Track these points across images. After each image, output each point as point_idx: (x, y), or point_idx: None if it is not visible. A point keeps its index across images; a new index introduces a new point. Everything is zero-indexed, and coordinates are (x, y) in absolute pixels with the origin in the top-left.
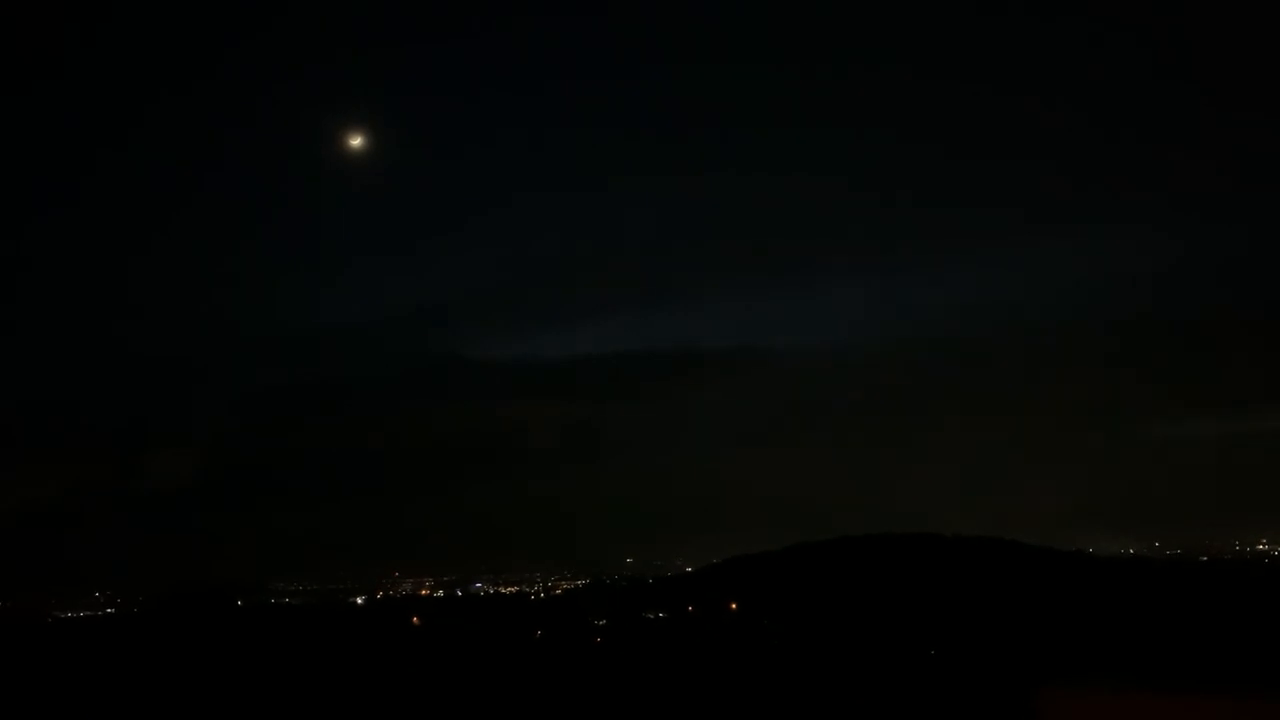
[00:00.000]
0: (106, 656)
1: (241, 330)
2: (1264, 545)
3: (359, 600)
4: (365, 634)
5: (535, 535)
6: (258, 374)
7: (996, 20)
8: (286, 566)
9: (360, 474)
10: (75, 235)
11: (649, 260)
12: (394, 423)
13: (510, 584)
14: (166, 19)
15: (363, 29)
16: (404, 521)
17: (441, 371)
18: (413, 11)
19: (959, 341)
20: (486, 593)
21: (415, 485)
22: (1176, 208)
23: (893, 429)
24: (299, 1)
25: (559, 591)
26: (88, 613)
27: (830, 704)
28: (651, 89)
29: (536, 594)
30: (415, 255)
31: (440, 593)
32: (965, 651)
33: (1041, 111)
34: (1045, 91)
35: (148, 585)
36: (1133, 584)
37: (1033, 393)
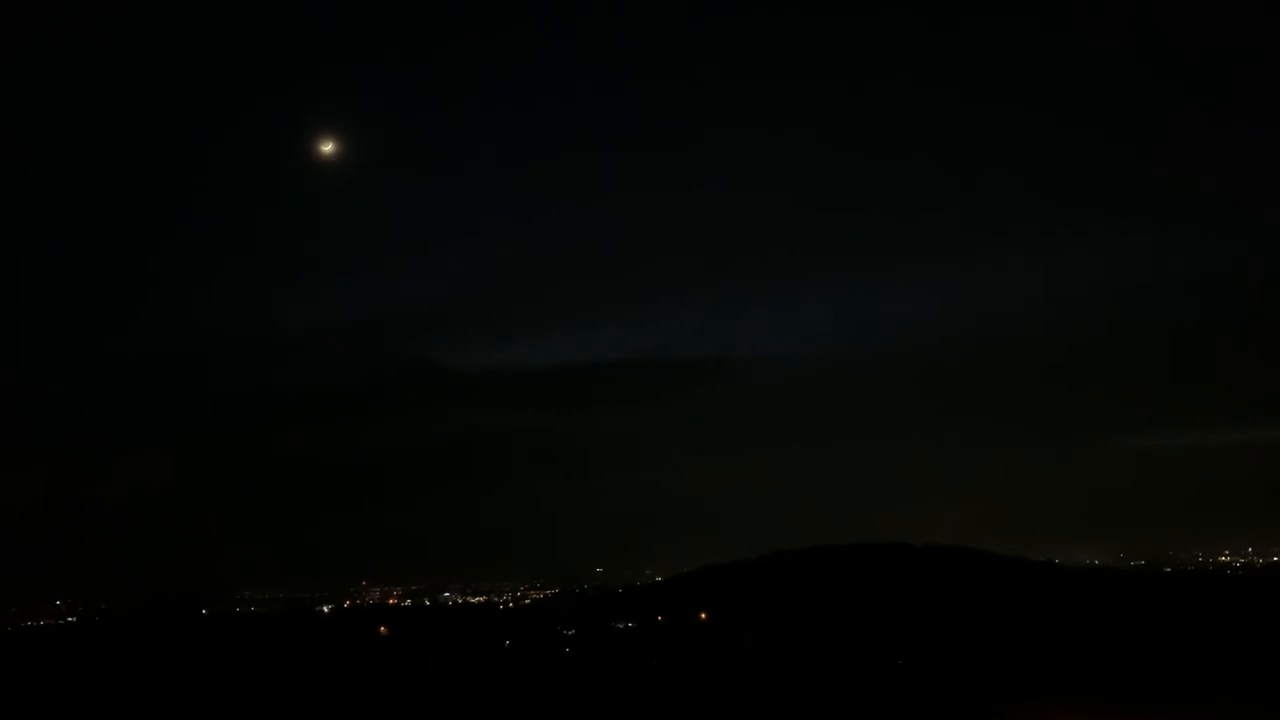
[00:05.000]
0: (65, 668)
1: (220, 334)
2: (1226, 557)
3: (326, 609)
4: (331, 645)
5: (506, 544)
6: (234, 378)
7: (988, 26)
8: (254, 574)
9: (331, 481)
10: (58, 239)
11: (625, 271)
12: (367, 430)
13: (479, 593)
14: (155, 33)
15: (352, 45)
16: (374, 530)
17: (417, 380)
18: (400, 29)
19: (930, 353)
20: (455, 602)
21: (386, 494)
22: (1147, 224)
23: (865, 438)
24: (287, 17)
25: (528, 601)
26: (48, 621)
27: (797, 716)
28: (630, 104)
29: (505, 604)
30: (395, 264)
31: (408, 602)
32: (935, 663)
33: (1029, 119)
34: (1034, 99)
35: (111, 593)
36: (1100, 596)
37: (1003, 404)
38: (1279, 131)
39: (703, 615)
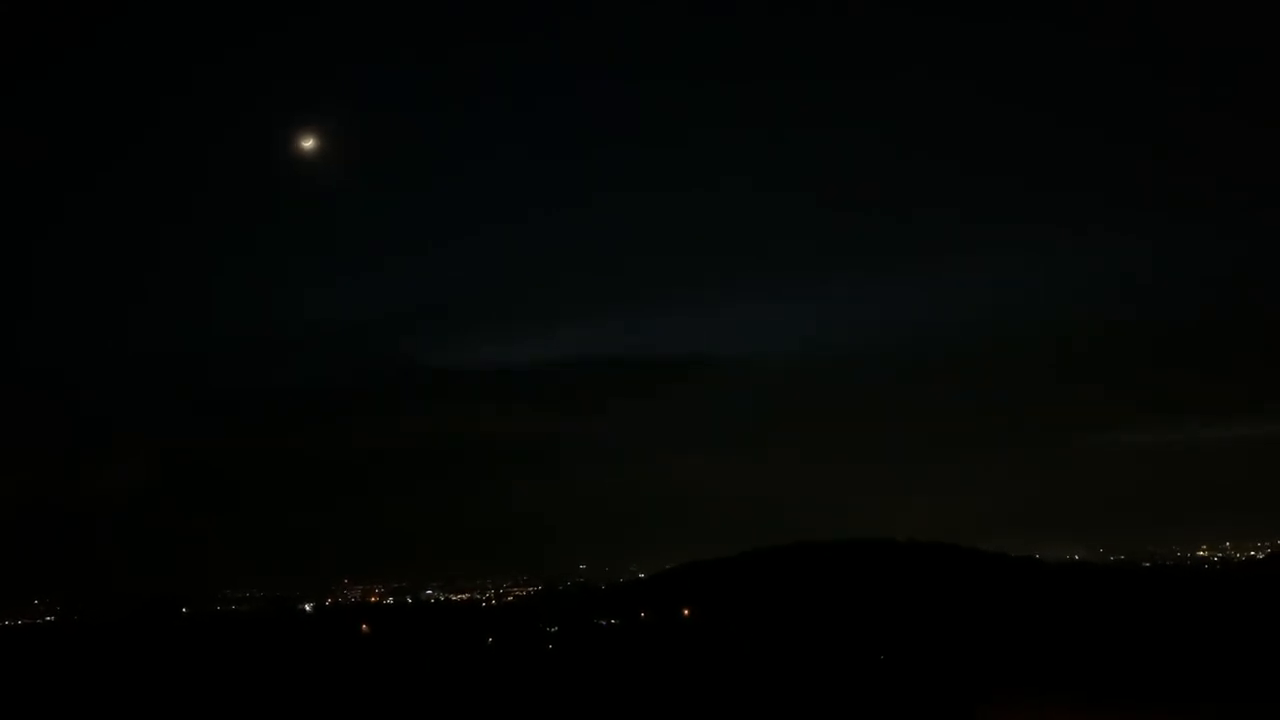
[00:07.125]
0: (44, 668)
1: (209, 334)
2: (1204, 551)
3: (308, 607)
4: (313, 643)
5: (490, 542)
6: (222, 379)
7: (988, 27)
8: (236, 573)
9: (315, 480)
10: (57, 240)
11: (623, 271)
12: (360, 430)
13: (462, 591)
14: (153, 33)
15: (352, 45)
16: (356, 528)
17: (412, 380)
18: (400, 29)
19: (913, 352)
20: (437, 600)
21: (369, 492)
22: (1147, 224)
23: (848, 436)
24: (285, 17)
25: (511, 598)
26: (26, 620)
27: (780, 711)
28: (629, 104)
29: (488, 601)
30: (395, 264)
31: (390, 600)
32: (916, 658)
33: (1029, 119)
34: (1034, 99)
35: (92, 592)
36: (1080, 591)
37: (986, 402)
38: (1279, 131)
39: (686, 612)
